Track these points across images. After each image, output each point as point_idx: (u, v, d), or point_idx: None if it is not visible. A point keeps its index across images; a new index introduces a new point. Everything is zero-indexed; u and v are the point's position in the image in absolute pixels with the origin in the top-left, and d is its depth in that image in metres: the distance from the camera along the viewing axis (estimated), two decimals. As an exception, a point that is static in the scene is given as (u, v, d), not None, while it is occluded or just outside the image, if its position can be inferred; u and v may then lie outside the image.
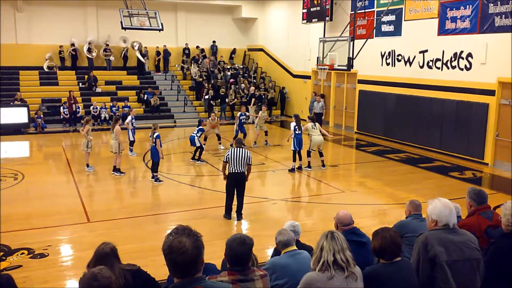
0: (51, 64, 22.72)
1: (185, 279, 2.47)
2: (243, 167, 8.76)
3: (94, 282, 2.82)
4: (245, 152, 8.81)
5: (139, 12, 15.44)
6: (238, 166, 8.71)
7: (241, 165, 8.73)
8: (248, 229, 8.69)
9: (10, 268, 6.69)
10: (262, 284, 3.47)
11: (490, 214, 4.71)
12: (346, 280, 3.29)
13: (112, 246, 3.85)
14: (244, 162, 8.74)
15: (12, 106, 19.06)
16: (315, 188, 11.71)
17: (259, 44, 26.69)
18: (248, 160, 8.79)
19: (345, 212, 4.81)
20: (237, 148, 8.88)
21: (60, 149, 15.93)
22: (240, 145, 9.10)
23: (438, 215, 3.72)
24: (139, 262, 4.26)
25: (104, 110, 20.66)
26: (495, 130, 13.44)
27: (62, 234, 8.25)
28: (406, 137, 16.50)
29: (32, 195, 10.72)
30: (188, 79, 24.64)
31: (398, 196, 10.71)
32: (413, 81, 16.10)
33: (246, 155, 8.78)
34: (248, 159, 8.79)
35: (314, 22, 20.57)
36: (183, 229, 2.52)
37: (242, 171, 8.76)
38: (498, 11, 13.00)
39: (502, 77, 13.01)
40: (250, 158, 8.83)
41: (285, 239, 4.38)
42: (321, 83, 21.28)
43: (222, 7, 26.04)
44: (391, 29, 17.08)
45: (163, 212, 9.49)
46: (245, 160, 8.74)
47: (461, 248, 3.63)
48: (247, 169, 8.85)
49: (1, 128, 17.46)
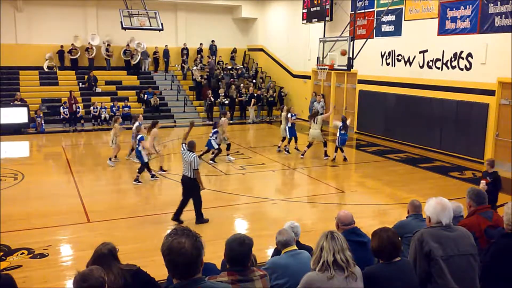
0: (51, 64, 22.72)
1: (184, 279, 2.47)
2: (188, 171, 8.58)
3: (84, 283, 2.82)
4: (189, 156, 8.54)
5: (139, 12, 15.42)
6: (184, 169, 8.68)
7: (185, 169, 8.62)
8: (248, 229, 8.69)
9: (10, 268, 6.69)
10: (261, 284, 3.47)
11: (490, 214, 4.71)
12: (346, 280, 3.29)
13: (110, 246, 3.84)
14: (188, 166, 8.54)
15: (12, 106, 19.05)
16: (315, 188, 11.71)
17: (259, 44, 26.69)
18: (192, 165, 8.50)
19: (346, 212, 4.81)
20: (187, 151, 8.70)
21: (60, 149, 15.92)
22: (189, 148, 8.78)
23: (431, 213, 3.81)
24: (139, 262, 4.26)
25: (104, 110, 20.65)
26: (495, 130, 13.43)
27: (62, 234, 8.25)
28: (406, 137, 16.49)
29: (32, 195, 10.72)
30: (188, 79, 24.64)
31: (398, 196, 10.71)
32: (413, 81, 16.09)
33: (189, 159, 8.53)
34: (192, 164, 8.50)
35: (314, 22, 20.57)
36: (183, 230, 2.52)
37: (186, 175, 8.63)
38: (498, 11, 12.99)
39: (502, 77, 13.01)
40: (194, 163, 8.50)
41: (284, 239, 4.38)
42: (321, 83, 21.28)
43: (222, 7, 26.04)
44: (391, 29, 17.08)
45: (163, 212, 9.48)
46: (189, 164, 8.53)
47: (456, 243, 3.69)
48: (194, 174, 8.56)
49: (1, 128, 17.45)
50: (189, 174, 8.59)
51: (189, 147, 8.81)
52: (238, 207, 10.02)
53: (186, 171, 8.64)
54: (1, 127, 17.49)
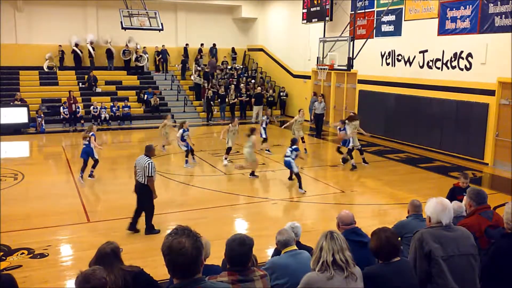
0: (51, 64, 22.70)
1: (184, 279, 2.47)
2: (141, 177, 8.07)
3: (87, 284, 2.81)
4: (144, 161, 8.03)
5: (139, 12, 15.43)
6: (138, 174, 8.14)
7: (139, 174, 8.10)
8: (248, 229, 8.69)
9: (10, 268, 6.69)
10: (262, 285, 3.47)
11: (490, 214, 4.71)
12: (345, 280, 3.29)
13: (114, 246, 3.83)
14: (142, 171, 8.01)
15: (12, 106, 19.05)
16: (315, 188, 11.71)
17: (259, 44, 26.69)
18: (147, 171, 7.97)
19: (347, 212, 4.81)
20: (143, 155, 8.20)
21: (60, 149, 15.92)
22: (145, 152, 8.23)
23: (432, 213, 3.81)
24: (139, 262, 4.27)
25: (104, 110, 20.65)
26: (495, 130, 13.43)
27: (62, 234, 8.25)
28: (406, 137, 16.49)
29: (32, 195, 10.72)
30: (188, 79, 24.64)
31: (398, 196, 10.71)
32: (413, 81, 16.09)
33: (143, 164, 8.00)
34: (147, 170, 7.97)
35: (314, 22, 20.57)
36: (183, 230, 2.51)
37: (139, 180, 8.14)
38: (498, 11, 13.00)
39: (502, 77, 13.01)
40: (149, 169, 7.96)
41: (284, 239, 4.38)
42: (321, 83, 21.28)
43: (222, 7, 26.04)
44: (391, 29, 17.08)
45: (163, 212, 9.48)
46: (143, 170, 8.00)
47: (456, 243, 3.69)
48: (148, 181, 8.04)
49: (1, 128, 17.45)
50: (143, 180, 8.07)
51: (146, 151, 8.24)
52: (238, 207, 10.02)
53: (140, 177, 8.10)
54: (1, 127, 17.50)
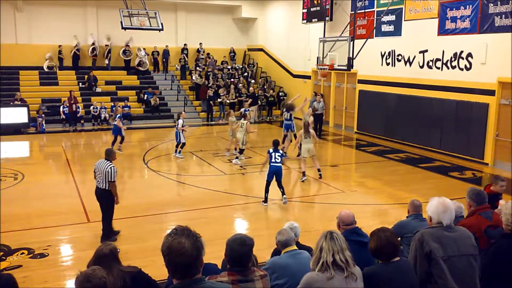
0: (51, 64, 22.71)
1: (184, 280, 2.46)
2: (102, 183, 7.69)
3: (87, 283, 2.81)
4: (105, 165, 7.65)
5: (139, 12, 15.42)
6: (98, 180, 7.76)
7: (99, 179, 7.73)
8: (248, 229, 8.69)
9: (10, 268, 6.69)
10: (262, 285, 3.47)
11: (490, 214, 4.72)
12: (345, 280, 3.29)
13: (112, 247, 3.84)
14: (104, 176, 7.62)
15: (12, 106, 19.05)
16: (315, 188, 11.71)
17: (259, 44, 26.68)
18: (108, 176, 7.60)
19: (348, 212, 4.81)
20: (103, 159, 7.80)
21: (60, 149, 15.92)
22: (106, 156, 7.84)
23: (433, 213, 3.80)
24: (139, 262, 4.27)
25: (104, 110, 20.65)
26: (495, 130, 13.43)
27: (62, 234, 8.25)
28: (406, 137, 16.49)
29: (32, 195, 10.71)
30: (187, 79, 24.63)
31: (398, 196, 10.71)
32: (413, 81, 16.09)
33: (104, 169, 7.61)
34: (108, 175, 7.60)
35: (314, 22, 20.57)
36: (183, 230, 2.51)
37: (98, 186, 7.78)
38: (498, 11, 12.99)
39: (502, 77, 13.01)
40: (111, 174, 7.61)
41: (284, 239, 4.38)
42: (321, 83, 21.27)
43: (222, 7, 26.03)
44: (391, 29, 17.08)
45: (163, 212, 9.48)
46: (104, 175, 7.62)
47: (457, 244, 3.68)
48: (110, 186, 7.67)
49: (1, 128, 17.45)
50: (103, 185, 7.70)
51: (106, 155, 7.83)
52: (238, 207, 10.02)
53: (100, 182, 7.74)
54: (1, 127, 17.49)
